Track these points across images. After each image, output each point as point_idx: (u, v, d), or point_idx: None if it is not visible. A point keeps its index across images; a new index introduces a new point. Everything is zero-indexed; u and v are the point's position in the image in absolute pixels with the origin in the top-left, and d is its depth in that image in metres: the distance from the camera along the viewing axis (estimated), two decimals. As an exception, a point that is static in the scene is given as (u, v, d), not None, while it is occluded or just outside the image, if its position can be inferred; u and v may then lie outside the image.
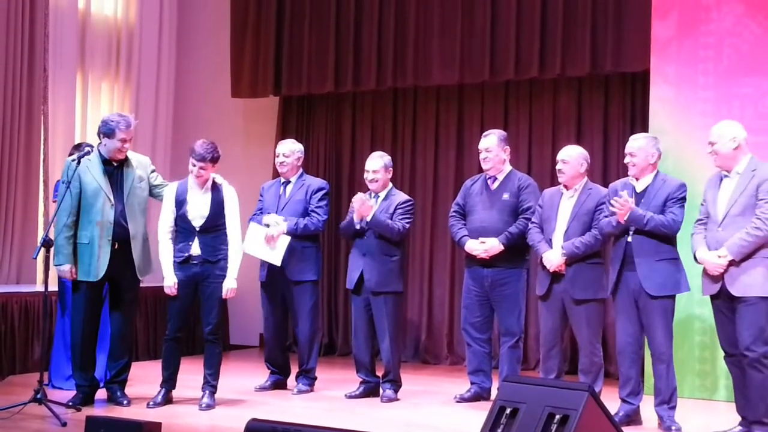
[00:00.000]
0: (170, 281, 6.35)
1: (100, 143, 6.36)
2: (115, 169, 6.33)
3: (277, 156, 7.21)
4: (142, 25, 9.65)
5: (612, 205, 5.86)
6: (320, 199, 7.11)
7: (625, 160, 6.06)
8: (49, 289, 6.23)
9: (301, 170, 7.23)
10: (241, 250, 6.52)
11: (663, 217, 5.82)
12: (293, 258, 6.97)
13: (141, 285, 7.77)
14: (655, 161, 5.99)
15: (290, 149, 7.18)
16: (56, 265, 6.22)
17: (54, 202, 6.81)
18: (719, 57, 7.26)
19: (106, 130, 6.29)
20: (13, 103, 8.34)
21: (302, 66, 9.33)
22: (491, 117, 8.86)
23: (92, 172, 6.25)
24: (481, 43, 8.55)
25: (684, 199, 5.91)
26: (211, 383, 6.46)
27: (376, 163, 6.91)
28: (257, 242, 6.90)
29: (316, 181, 7.27)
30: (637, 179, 6.01)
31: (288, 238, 6.85)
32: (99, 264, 6.21)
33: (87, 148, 6.34)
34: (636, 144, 6.01)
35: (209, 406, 6.35)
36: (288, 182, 7.18)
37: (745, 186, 5.56)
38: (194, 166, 6.32)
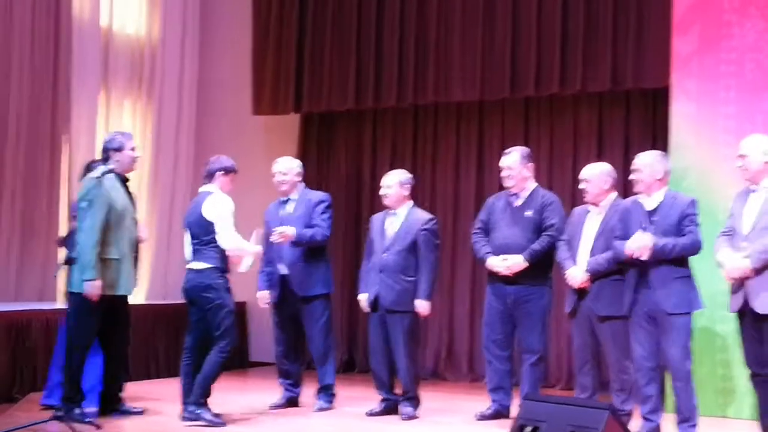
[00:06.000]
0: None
1: (109, 163, 6.42)
2: (127, 187, 6.53)
3: (275, 175, 7.13)
4: (165, 43, 9.71)
5: (627, 246, 5.82)
6: (323, 212, 7.08)
7: (630, 176, 6.05)
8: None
9: (302, 186, 7.19)
10: None
11: (685, 239, 5.77)
12: (301, 273, 6.97)
13: (163, 302, 7.85)
14: (661, 177, 5.95)
15: (287, 167, 7.13)
16: (88, 280, 6.19)
17: (73, 219, 6.85)
18: (741, 72, 7.22)
19: (116, 146, 6.46)
20: (37, 120, 8.41)
21: (323, 83, 9.36)
22: (512, 133, 8.84)
23: (118, 192, 6.38)
24: (502, 60, 8.55)
25: (697, 215, 5.87)
26: None
27: (390, 179, 6.93)
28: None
29: (316, 194, 7.23)
30: (648, 196, 5.98)
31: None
32: (131, 279, 6.43)
33: (102, 166, 6.40)
34: (641, 160, 6.00)
35: None
36: (288, 200, 7.15)
37: None
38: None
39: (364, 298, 6.91)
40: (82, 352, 6.35)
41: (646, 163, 5.97)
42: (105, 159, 6.49)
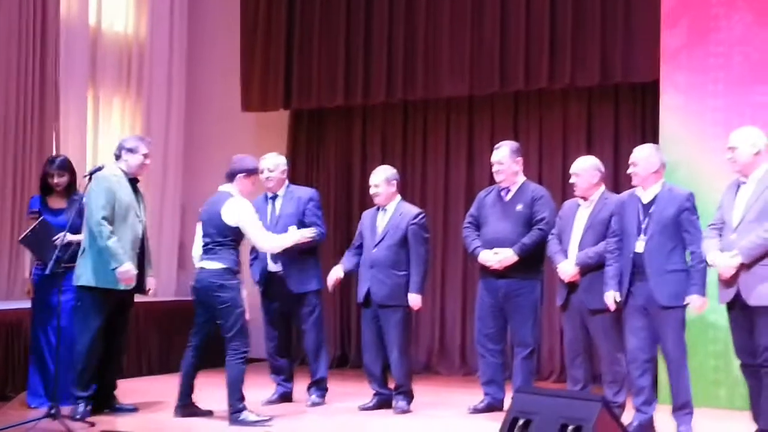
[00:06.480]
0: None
1: (119, 162, 6.55)
2: (135, 188, 6.57)
3: (262, 171, 7.02)
4: (153, 41, 9.69)
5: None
6: (317, 209, 7.09)
7: (628, 170, 6.08)
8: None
9: (286, 182, 7.18)
10: None
11: (698, 251, 5.74)
12: (295, 271, 6.95)
13: (154, 299, 7.85)
14: (657, 170, 5.97)
15: (275, 163, 7.09)
16: (116, 268, 6.25)
17: (30, 217, 6.79)
18: (730, 65, 7.25)
19: (130, 147, 6.56)
20: (25, 119, 8.37)
21: (312, 79, 9.35)
22: (501, 128, 8.86)
23: (123, 188, 6.44)
24: (491, 55, 8.56)
25: (696, 208, 5.90)
26: None
27: (377, 177, 6.93)
28: None
29: (305, 191, 7.21)
30: (643, 189, 6.00)
31: None
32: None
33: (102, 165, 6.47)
34: (638, 153, 6.03)
35: None
36: (275, 196, 7.13)
37: (761, 192, 5.54)
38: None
39: (336, 269, 6.96)
40: (91, 346, 6.35)
41: (641, 156, 6.00)
42: (117, 156, 6.58)
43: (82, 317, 6.39)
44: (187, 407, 6.41)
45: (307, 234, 6.74)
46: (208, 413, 6.46)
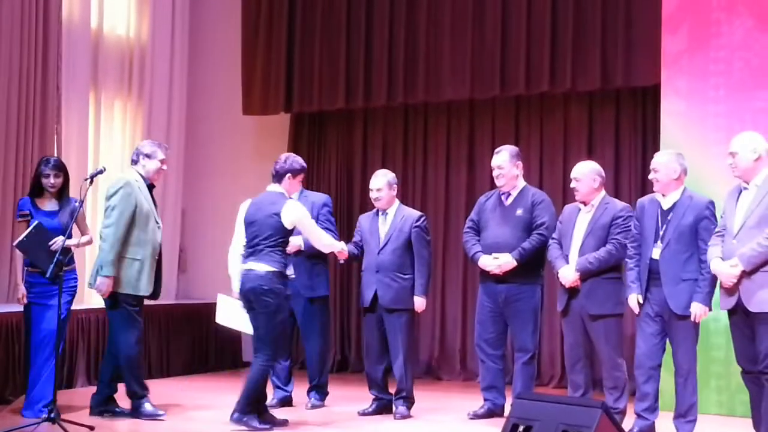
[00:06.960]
0: None
1: (136, 167, 6.59)
2: (152, 194, 6.63)
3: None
4: (154, 44, 9.69)
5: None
6: (330, 215, 7.14)
7: (650, 176, 6.07)
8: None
9: (301, 187, 7.19)
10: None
11: (704, 261, 5.76)
12: (307, 276, 6.99)
13: (154, 303, 7.87)
14: (678, 176, 5.96)
15: None
16: (104, 276, 6.29)
17: (19, 221, 6.64)
18: (730, 71, 7.25)
19: (147, 152, 6.60)
20: (26, 122, 8.36)
21: (313, 83, 9.36)
22: (502, 132, 8.87)
23: (143, 194, 6.50)
24: (492, 58, 8.57)
25: (714, 216, 5.89)
26: None
27: (379, 181, 6.93)
28: (232, 313, 6.63)
29: (319, 197, 7.25)
30: (663, 195, 6.00)
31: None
32: (150, 280, 6.50)
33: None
34: (659, 159, 6.03)
35: None
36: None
37: (762, 198, 5.52)
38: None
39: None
40: (137, 345, 6.45)
41: (662, 162, 6.00)
42: (134, 161, 6.62)
43: (120, 323, 6.45)
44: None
45: (343, 252, 6.71)
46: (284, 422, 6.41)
